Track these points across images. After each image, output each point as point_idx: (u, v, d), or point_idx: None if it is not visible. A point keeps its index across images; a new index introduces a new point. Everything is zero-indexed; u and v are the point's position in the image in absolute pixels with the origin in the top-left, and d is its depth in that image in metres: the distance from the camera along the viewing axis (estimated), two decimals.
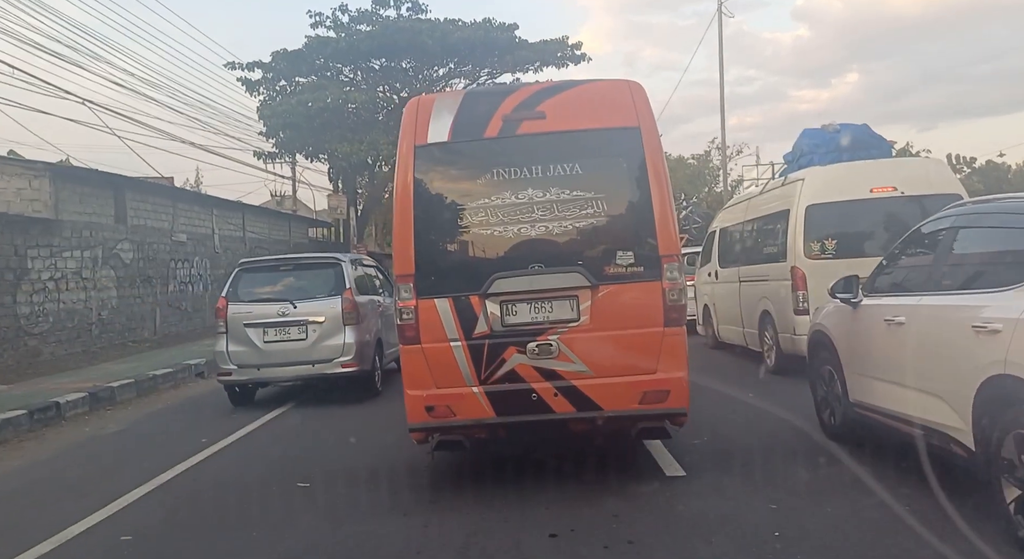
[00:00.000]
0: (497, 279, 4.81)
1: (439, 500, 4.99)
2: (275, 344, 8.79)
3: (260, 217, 27.25)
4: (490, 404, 4.81)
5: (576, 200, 4.91)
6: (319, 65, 26.78)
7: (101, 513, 5.13)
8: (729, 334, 11.31)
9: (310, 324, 8.77)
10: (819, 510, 4.26)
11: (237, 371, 8.88)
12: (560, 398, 4.80)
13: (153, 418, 9.17)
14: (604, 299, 4.85)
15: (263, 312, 8.88)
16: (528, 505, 4.65)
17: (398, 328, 4.96)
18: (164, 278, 18.81)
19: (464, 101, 5.18)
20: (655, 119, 5.13)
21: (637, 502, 4.64)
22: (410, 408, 4.87)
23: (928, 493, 4.15)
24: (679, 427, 5.09)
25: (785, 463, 5.31)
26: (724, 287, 11.34)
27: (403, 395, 4.92)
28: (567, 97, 5.18)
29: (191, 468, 6.31)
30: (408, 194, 4.91)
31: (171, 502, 5.43)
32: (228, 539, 4.49)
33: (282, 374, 8.91)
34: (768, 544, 3.81)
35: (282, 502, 5.16)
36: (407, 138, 5.02)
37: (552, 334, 4.82)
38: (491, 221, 4.91)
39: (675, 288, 4.86)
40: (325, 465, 6.09)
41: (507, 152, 5.03)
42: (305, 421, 8.29)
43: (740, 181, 32.35)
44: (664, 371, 4.82)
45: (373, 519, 4.64)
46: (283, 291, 9.13)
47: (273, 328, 8.82)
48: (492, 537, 4.18)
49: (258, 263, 10.06)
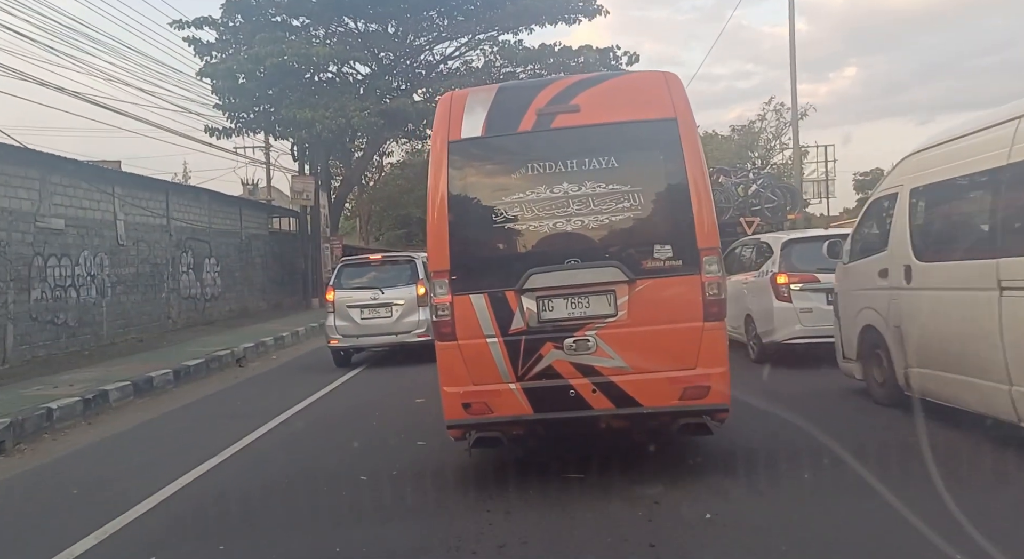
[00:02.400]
0: (533, 274, 4.79)
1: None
2: (369, 320, 11.72)
3: (195, 202, 20.91)
4: (527, 401, 4.80)
5: (612, 194, 4.84)
6: (283, 22, 22.58)
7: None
8: (964, 392, 5.52)
9: (394, 305, 11.63)
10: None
11: (342, 340, 11.81)
12: (598, 394, 4.76)
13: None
14: (642, 294, 4.78)
15: (359, 297, 11.79)
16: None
17: (433, 325, 4.98)
18: (23, 280, 13.21)
19: (498, 95, 5.15)
20: (692, 110, 5.04)
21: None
22: (447, 405, 4.89)
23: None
24: (720, 423, 4.99)
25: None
26: (940, 298, 5.73)
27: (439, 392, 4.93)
28: (602, 89, 5.11)
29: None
30: (443, 190, 4.92)
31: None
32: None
33: (374, 341, 11.97)
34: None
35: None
36: (440, 134, 5.03)
37: (589, 330, 4.77)
38: (526, 216, 4.88)
39: (714, 282, 4.77)
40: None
41: (542, 146, 4.99)
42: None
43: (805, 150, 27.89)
44: (704, 367, 4.74)
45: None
46: (374, 281, 12.08)
47: (367, 308, 11.73)
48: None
49: (354, 261, 13.20)
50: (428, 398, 7.20)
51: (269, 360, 13.92)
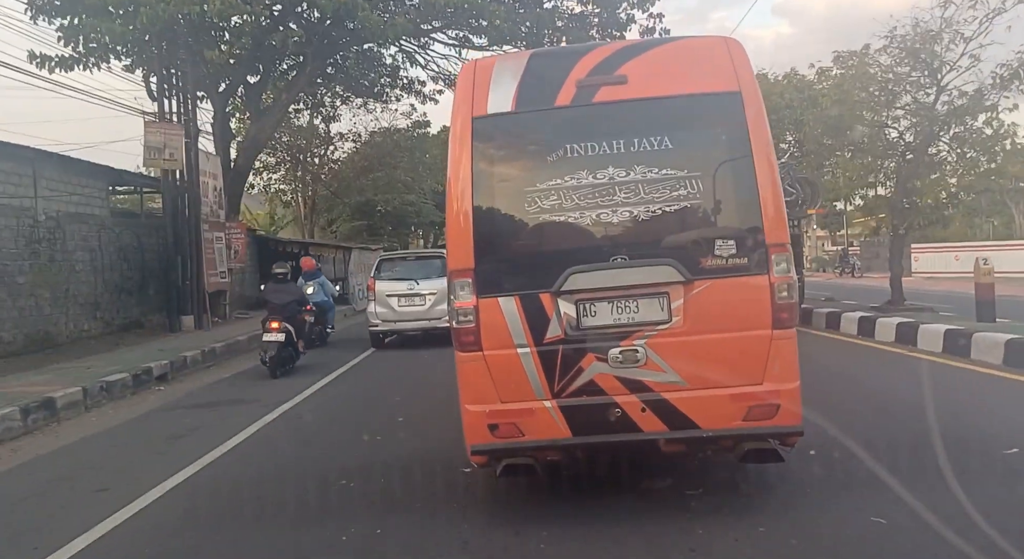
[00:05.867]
0: (573, 274, 4.10)
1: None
2: (405, 308, 13.34)
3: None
4: (565, 421, 4.12)
5: (666, 180, 4.14)
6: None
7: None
8: None
9: (427, 295, 13.16)
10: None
11: (381, 324, 13.52)
12: (648, 414, 4.07)
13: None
14: (700, 296, 4.09)
15: (397, 287, 13.40)
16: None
17: (454, 333, 4.28)
18: None
19: (530, 64, 4.44)
20: (757, 83, 4.34)
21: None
22: (469, 426, 4.23)
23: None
24: (790, 449, 4.29)
25: None
26: None
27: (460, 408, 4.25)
28: (653, 57, 4.39)
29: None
30: (466, 175, 4.22)
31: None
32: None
33: (409, 326, 13.51)
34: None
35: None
36: (463, 109, 4.32)
37: (638, 338, 4.09)
38: (565, 206, 4.18)
39: (785, 283, 4.08)
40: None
41: (582, 124, 4.28)
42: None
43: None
44: (773, 382, 4.06)
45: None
46: (409, 272, 13.72)
47: (404, 297, 13.36)
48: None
49: (393, 255, 15.25)
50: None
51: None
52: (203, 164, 17.53)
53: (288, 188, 35.20)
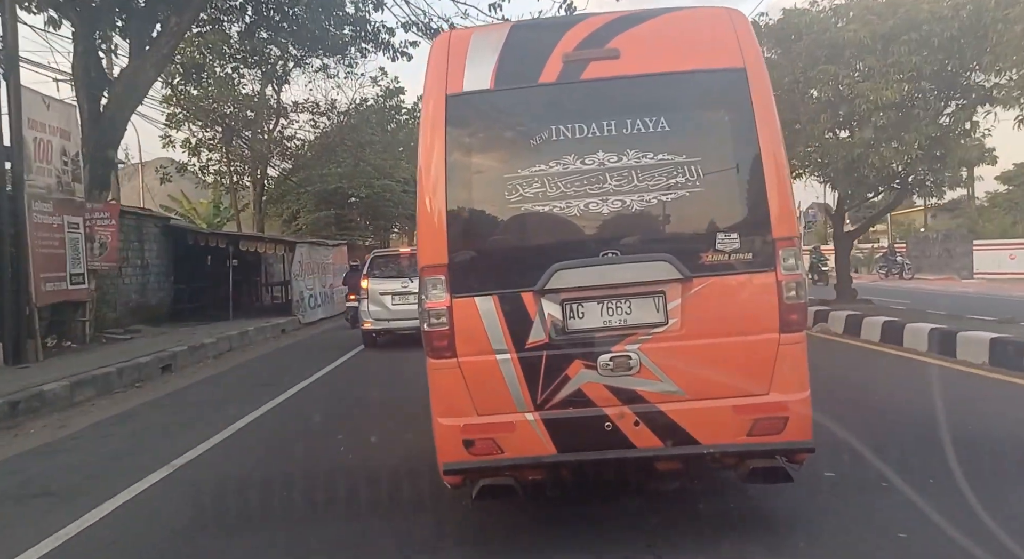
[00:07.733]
0: (558, 271, 3.69)
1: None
2: (398, 306, 13.07)
3: None
4: (549, 436, 3.70)
5: (662, 166, 3.73)
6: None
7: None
8: None
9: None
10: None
11: (374, 323, 13.38)
12: (642, 428, 3.66)
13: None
14: (700, 296, 3.68)
15: (390, 286, 13.26)
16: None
17: (425, 337, 3.86)
18: None
19: (511, 36, 4.02)
20: (763, 59, 3.92)
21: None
22: (442, 443, 3.81)
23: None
24: (799, 466, 3.88)
25: None
26: None
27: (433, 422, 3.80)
28: (648, 30, 3.95)
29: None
30: (439, 158, 3.81)
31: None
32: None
33: (402, 325, 12.92)
34: None
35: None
36: (436, 86, 3.90)
37: (631, 343, 3.68)
38: (549, 195, 3.76)
39: (794, 281, 3.68)
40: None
41: (570, 103, 3.88)
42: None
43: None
44: (780, 392, 3.66)
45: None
46: (402, 271, 13.47)
47: (397, 296, 13.16)
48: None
49: (385, 253, 14.79)
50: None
51: None
52: (37, 113, 11.56)
53: (228, 171, 27.79)
